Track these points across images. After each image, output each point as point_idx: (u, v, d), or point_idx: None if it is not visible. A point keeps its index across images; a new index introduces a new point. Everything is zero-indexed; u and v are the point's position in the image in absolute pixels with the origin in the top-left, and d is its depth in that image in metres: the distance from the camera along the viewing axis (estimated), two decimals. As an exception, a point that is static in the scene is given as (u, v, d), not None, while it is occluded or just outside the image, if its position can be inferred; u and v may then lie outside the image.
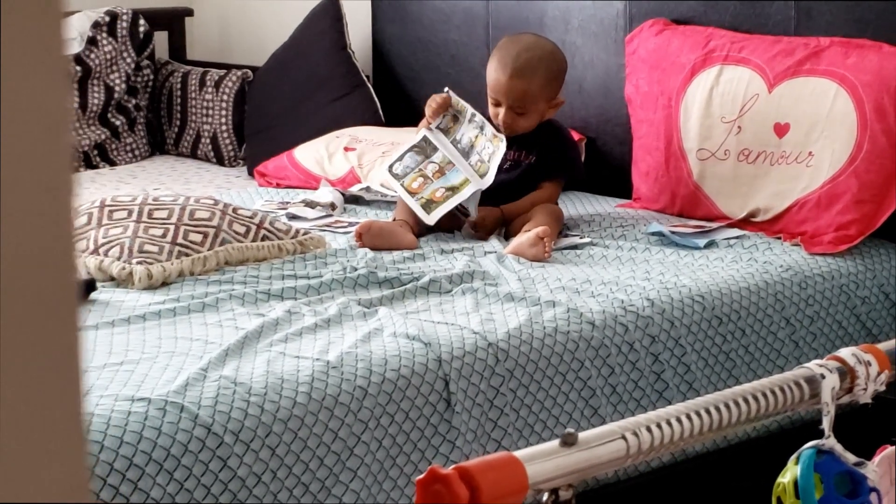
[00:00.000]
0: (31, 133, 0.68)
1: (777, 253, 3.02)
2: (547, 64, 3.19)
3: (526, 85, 3.16)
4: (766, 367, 2.82)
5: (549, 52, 3.23)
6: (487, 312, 2.57)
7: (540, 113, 3.21)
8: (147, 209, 2.90)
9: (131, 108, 4.48)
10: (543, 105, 3.21)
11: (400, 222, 3.10)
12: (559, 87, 3.23)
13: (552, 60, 3.21)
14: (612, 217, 3.34)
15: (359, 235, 3.02)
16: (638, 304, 2.67)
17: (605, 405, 2.56)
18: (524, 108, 3.18)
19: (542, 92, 3.18)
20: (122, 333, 2.42)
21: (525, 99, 3.17)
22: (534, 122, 3.22)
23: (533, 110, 3.19)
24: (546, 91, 3.19)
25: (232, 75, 4.41)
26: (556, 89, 3.22)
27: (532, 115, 3.20)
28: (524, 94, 3.16)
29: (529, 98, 3.17)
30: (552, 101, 3.22)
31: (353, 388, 2.24)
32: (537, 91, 3.18)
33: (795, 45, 3.19)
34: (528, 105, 3.18)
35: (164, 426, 2.05)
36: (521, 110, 3.18)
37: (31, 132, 0.68)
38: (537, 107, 3.19)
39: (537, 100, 3.18)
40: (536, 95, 3.18)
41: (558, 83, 3.23)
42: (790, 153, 3.14)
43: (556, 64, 3.21)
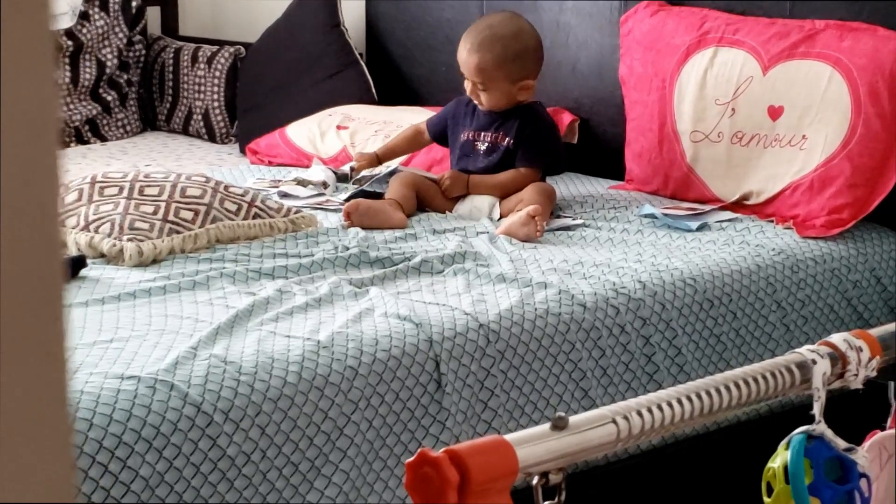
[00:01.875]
0: (18, 109, 0.68)
1: (769, 236, 3.01)
2: (507, 42, 3.16)
3: (481, 60, 3.14)
4: (756, 351, 2.82)
5: (515, 30, 3.19)
6: (479, 293, 2.57)
7: (504, 92, 3.17)
8: (138, 186, 2.89)
9: (123, 83, 4.46)
10: (505, 84, 3.16)
11: (389, 201, 3.10)
12: (525, 67, 3.17)
13: (514, 39, 3.17)
14: (604, 198, 3.33)
15: (347, 215, 3.02)
16: (629, 287, 2.67)
17: (596, 387, 2.56)
18: (484, 84, 3.16)
19: (499, 69, 3.14)
20: (112, 311, 2.41)
21: (483, 75, 3.15)
22: (499, 100, 3.18)
23: (494, 87, 3.16)
24: (506, 69, 3.15)
25: (224, 52, 4.39)
26: (520, 69, 3.16)
27: (494, 92, 3.17)
28: (481, 70, 3.15)
29: (487, 74, 3.15)
30: (518, 81, 3.17)
31: (343, 368, 2.24)
32: (493, 67, 3.14)
33: (790, 27, 3.19)
34: (487, 81, 3.16)
35: (153, 404, 2.04)
36: (482, 86, 3.17)
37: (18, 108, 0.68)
38: (498, 84, 3.16)
39: (495, 77, 3.15)
40: (493, 72, 3.14)
41: (522, 64, 3.16)
42: (784, 136, 3.13)
43: (518, 43, 3.17)
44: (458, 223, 3.10)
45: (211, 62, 4.39)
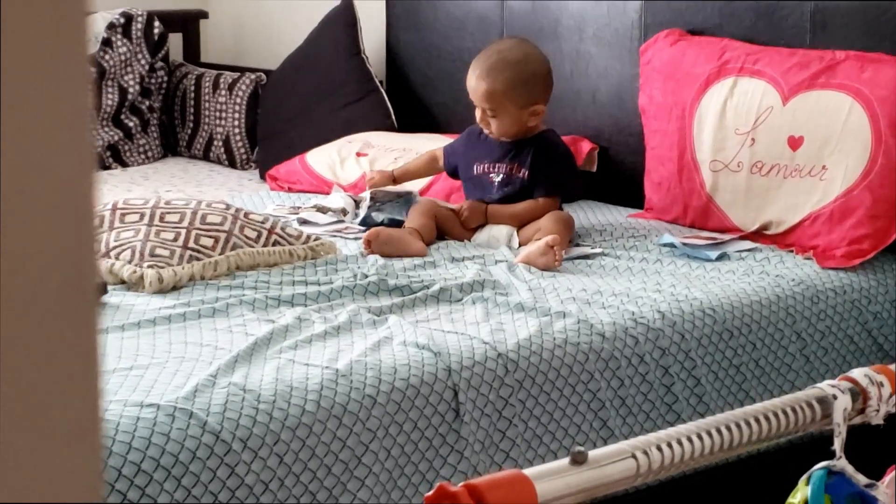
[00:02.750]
0: (53, 133, 0.68)
1: (789, 266, 3.01)
2: (516, 67, 3.15)
3: (490, 86, 3.14)
4: (776, 382, 2.81)
5: (523, 56, 3.19)
6: (497, 322, 2.56)
7: (514, 118, 3.17)
8: (159, 213, 2.90)
9: (145, 109, 4.49)
10: (515, 110, 3.16)
11: (409, 230, 3.10)
12: (534, 92, 3.16)
13: (523, 64, 3.16)
14: (623, 227, 3.33)
15: (367, 243, 3.02)
16: (649, 317, 2.66)
17: (615, 417, 2.55)
18: (493, 110, 3.16)
19: (508, 95, 3.14)
20: (132, 338, 2.41)
21: (491, 100, 3.15)
22: (509, 126, 3.18)
23: (504, 113, 3.16)
24: (514, 95, 3.14)
25: (245, 78, 4.41)
26: (529, 95, 3.15)
27: (504, 118, 3.16)
28: (489, 96, 3.15)
29: (495, 100, 3.15)
30: (528, 106, 3.17)
31: (361, 396, 2.24)
32: (502, 93, 3.14)
33: (810, 58, 3.19)
34: (497, 108, 3.15)
35: (172, 432, 2.05)
36: (491, 113, 3.17)
37: (54, 132, 0.68)
38: (507, 110, 3.15)
39: (504, 103, 3.15)
40: (502, 98, 3.14)
41: (531, 89, 3.15)
42: (804, 166, 3.13)
43: (526, 68, 3.16)
44: (477, 251, 3.10)
45: (232, 89, 4.41)
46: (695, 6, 3.46)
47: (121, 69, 4.42)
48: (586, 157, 3.62)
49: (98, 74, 4.37)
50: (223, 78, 4.45)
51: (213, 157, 4.45)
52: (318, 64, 4.19)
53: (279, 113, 4.23)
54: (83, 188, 0.70)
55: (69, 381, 0.70)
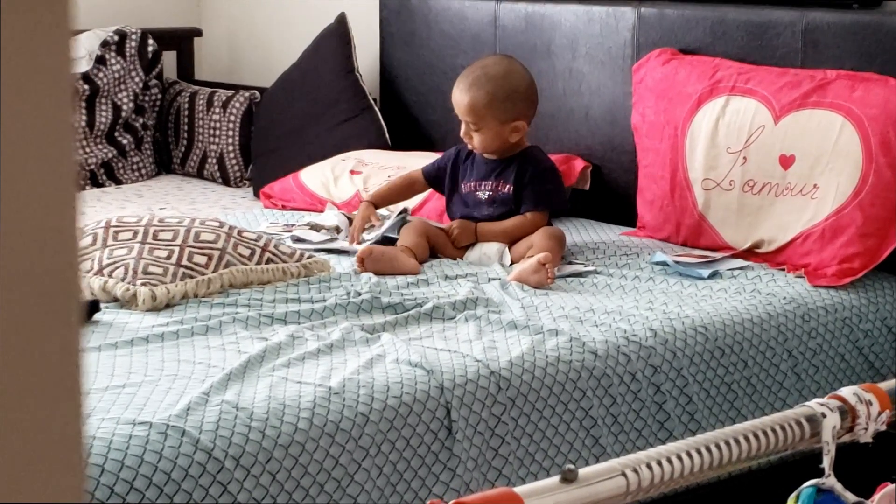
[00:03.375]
0: (36, 151, 0.69)
1: (780, 285, 3.02)
2: (497, 82, 3.17)
3: (472, 100, 3.16)
4: (768, 399, 2.82)
5: (505, 71, 3.20)
6: (490, 340, 2.57)
7: (495, 132, 3.17)
8: (152, 230, 2.91)
9: (138, 127, 4.50)
10: (496, 124, 3.16)
11: (402, 248, 3.11)
12: (515, 108, 3.17)
13: (504, 79, 3.17)
14: (616, 245, 3.34)
15: (360, 261, 3.03)
16: (641, 334, 2.67)
17: (607, 435, 2.56)
18: (476, 124, 3.17)
19: (489, 109, 3.15)
20: (124, 356, 2.42)
21: (473, 114, 3.16)
22: (491, 141, 3.19)
23: (485, 127, 3.17)
24: (495, 109, 3.15)
25: (239, 96, 4.42)
26: (510, 110, 3.16)
27: (486, 132, 3.17)
28: (471, 109, 3.16)
29: (477, 114, 3.16)
30: (508, 122, 3.17)
31: (354, 414, 2.25)
32: (483, 107, 3.15)
33: (802, 77, 3.20)
34: (478, 121, 3.16)
35: (165, 450, 2.05)
36: (474, 127, 3.18)
37: (37, 150, 0.69)
38: (489, 124, 3.16)
39: (486, 117, 3.16)
40: (483, 112, 3.15)
41: (512, 104, 3.16)
42: (795, 185, 3.15)
43: (507, 83, 3.17)
44: (470, 269, 3.11)
45: (226, 106, 4.42)
46: (687, 25, 3.48)
47: (115, 87, 4.43)
48: (579, 175, 3.63)
49: (92, 92, 4.38)
50: (217, 96, 4.46)
51: (206, 175, 4.46)
52: (312, 82, 4.20)
53: (273, 131, 4.24)
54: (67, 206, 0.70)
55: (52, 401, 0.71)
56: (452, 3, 4.00)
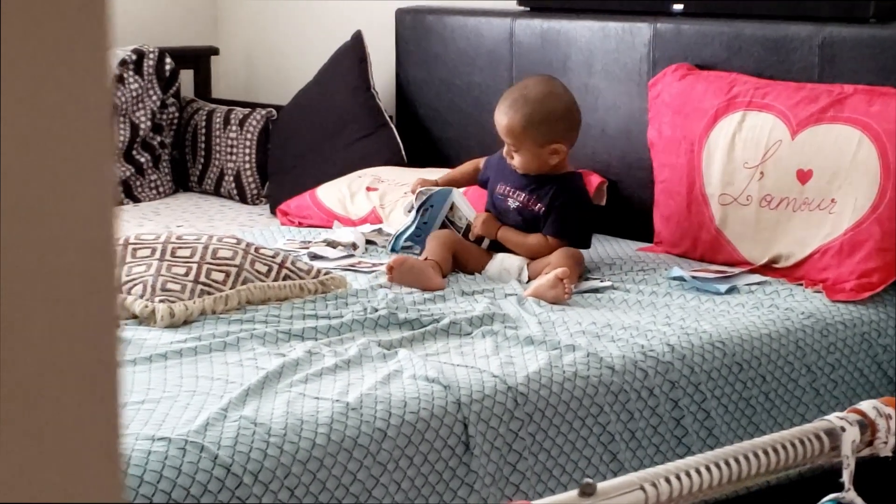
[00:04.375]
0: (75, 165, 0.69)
1: (799, 300, 3.01)
2: (535, 105, 3.16)
3: (509, 122, 3.17)
4: (786, 415, 2.81)
5: (544, 93, 3.20)
6: (507, 356, 2.57)
7: (534, 154, 3.17)
8: (170, 247, 2.92)
9: (156, 145, 4.51)
10: (534, 147, 3.16)
11: (431, 262, 3.11)
12: (553, 130, 3.16)
13: (540, 103, 3.17)
14: (633, 260, 3.34)
15: (390, 269, 3.03)
16: (658, 350, 2.67)
17: (624, 451, 2.56)
18: (515, 145, 3.18)
19: (526, 131, 3.15)
20: (143, 372, 2.43)
21: (512, 136, 3.17)
22: (529, 162, 3.19)
23: (524, 149, 3.17)
24: (532, 132, 3.15)
25: (256, 114, 4.44)
26: (547, 132, 3.16)
27: (524, 154, 3.18)
28: (508, 131, 3.17)
29: (515, 135, 3.16)
30: (546, 145, 3.16)
31: (372, 430, 2.25)
32: (520, 130, 3.15)
33: (819, 91, 3.20)
34: (516, 143, 3.17)
35: (183, 466, 2.05)
36: (513, 148, 3.19)
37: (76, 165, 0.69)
38: (527, 146, 3.17)
39: (523, 139, 3.16)
40: (520, 134, 3.16)
41: (549, 127, 3.15)
42: (813, 200, 3.14)
43: (544, 107, 3.16)
44: (487, 285, 3.11)
45: (243, 124, 4.43)
46: (703, 41, 3.48)
47: (132, 105, 4.45)
48: (595, 190, 3.63)
49: (110, 110, 4.40)
50: (234, 114, 4.48)
51: (224, 193, 4.47)
52: (329, 99, 4.22)
53: (290, 148, 4.25)
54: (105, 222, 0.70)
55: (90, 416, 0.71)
56: (468, 19, 4.01)
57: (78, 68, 0.69)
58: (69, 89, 0.69)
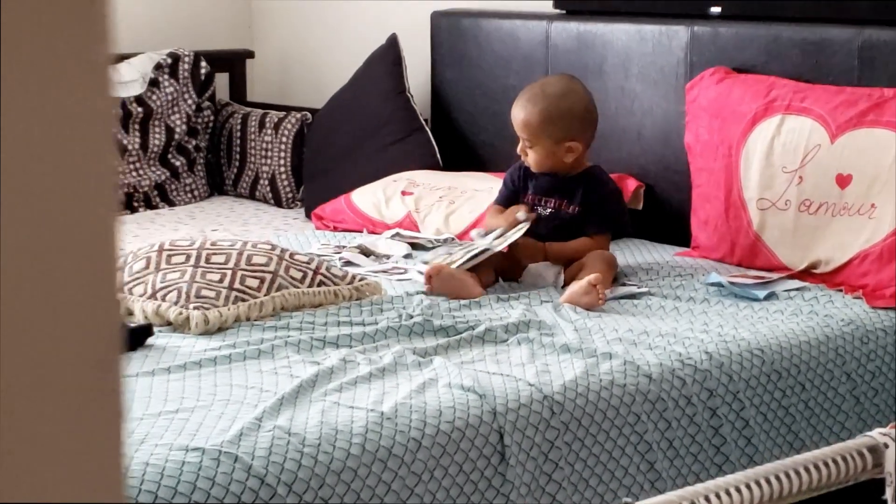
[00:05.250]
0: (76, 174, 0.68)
1: (838, 306, 2.97)
2: (552, 101, 3.15)
3: (526, 116, 3.16)
4: (826, 423, 2.78)
5: (563, 90, 3.19)
6: (543, 364, 2.55)
7: (549, 151, 3.15)
8: (204, 254, 2.91)
9: (191, 148, 4.52)
10: (549, 143, 3.15)
11: (471, 273, 3.08)
12: (570, 127, 3.14)
13: (559, 98, 3.16)
14: (670, 266, 3.31)
15: (429, 277, 3.02)
16: (696, 358, 2.64)
17: (662, 460, 2.53)
18: (530, 140, 3.16)
19: (542, 127, 3.14)
20: (177, 380, 2.42)
21: (528, 130, 3.16)
22: (544, 159, 3.17)
23: (539, 145, 3.15)
24: (548, 127, 3.14)
25: (291, 117, 4.43)
26: (563, 129, 3.14)
27: (539, 150, 3.16)
28: (524, 126, 3.16)
29: (531, 130, 3.15)
30: (562, 142, 3.15)
31: (406, 439, 2.23)
32: (536, 125, 3.14)
33: (858, 95, 3.16)
34: (532, 138, 3.16)
35: (217, 477, 2.05)
36: (528, 143, 3.17)
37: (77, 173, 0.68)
38: (542, 142, 3.15)
39: (539, 134, 3.14)
40: (536, 129, 3.14)
41: (565, 124, 3.14)
42: (852, 205, 3.10)
43: (562, 103, 3.15)
44: (523, 291, 3.09)
45: (278, 128, 4.43)
46: (741, 44, 3.45)
47: (168, 109, 4.45)
48: (632, 195, 3.61)
49: (145, 115, 4.41)
50: (269, 117, 4.47)
51: (258, 196, 4.47)
52: (364, 103, 4.21)
53: (325, 152, 4.24)
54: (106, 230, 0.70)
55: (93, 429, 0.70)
56: (504, 22, 3.99)
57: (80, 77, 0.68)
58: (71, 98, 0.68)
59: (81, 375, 0.69)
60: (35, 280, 0.67)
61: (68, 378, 0.69)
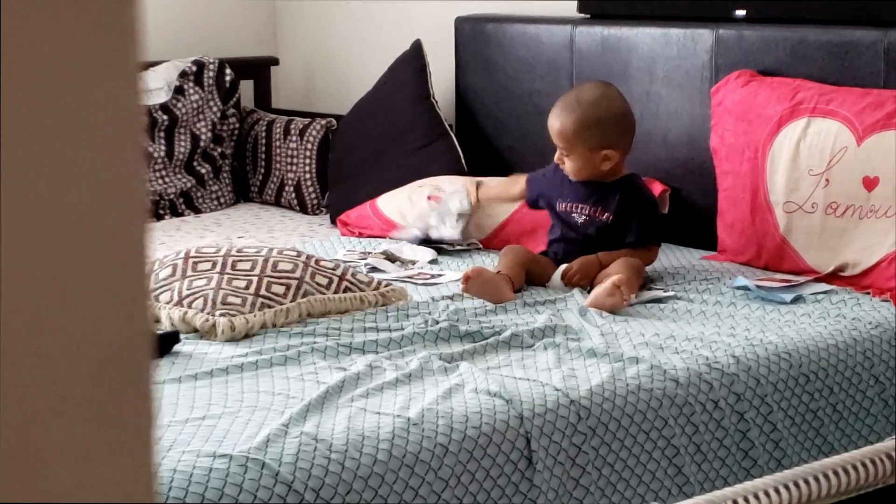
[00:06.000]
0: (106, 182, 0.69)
1: (866, 309, 2.96)
2: (587, 109, 3.16)
3: (561, 125, 3.17)
4: (854, 427, 2.76)
5: (598, 97, 3.19)
6: (569, 368, 2.55)
7: (585, 159, 3.16)
8: (230, 261, 2.92)
9: (217, 156, 4.53)
10: (585, 151, 3.15)
11: (504, 276, 3.08)
12: (605, 135, 3.15)
13: (593, 107, 3.16)
14: (696, 270, 3.30)
15: (466, 278, 3.01)
16: (723, 361, 2.63)
17: (689, 464, 2.52)
18: (567, 149, 3.17)
19: (577, 135, 3.14)
20: (204, 387, 2.42)
21: (563, 139, 3.17)
22: (581, 167, 3.17)
23: (575, 153, 3.16)
24: (583, 135, 3.14)
25: (316, 124, 4.44)
26: (599, 137, 3.14)
27: (576, 158, 3.16)
28: (560, 135, 3.17)
29: (566, 139, 3.16)
30: (598, 150, 3.15)
31: (433, 445, 2.23)
32: (572, 133, 3.14)
33: (885, 97, 3.15)
34: (568, 147, 3.16)
35: (245, 483, 2.05)
36: (565, 152, 3.18)
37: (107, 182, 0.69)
38: (578, 150, 3.15)
39: (574, 143, 3.15)
40: (572, 137, 3.14)
41: (601, 131, 3.14)
42: (879, 207, 3.09)
43: (596, 111, 3.16)
44: (549, 295, 3.09)
45: (303, 134, 4.44)
46: (766, 47, 3.44)
47: (193, 117, 4.47)
48: (658, 198, 3.59)
49: (171, 122, 4.42)
50: (294, 124, 4.48)
51: (284, 203, 4.48)
52: (388, 109, 4.21)
53: (350, 158, 4.25)
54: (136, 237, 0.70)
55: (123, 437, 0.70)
56: (528, 27, 3.99)
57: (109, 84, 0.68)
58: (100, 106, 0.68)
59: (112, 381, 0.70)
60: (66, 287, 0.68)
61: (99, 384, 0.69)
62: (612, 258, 3.15)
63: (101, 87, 0.68)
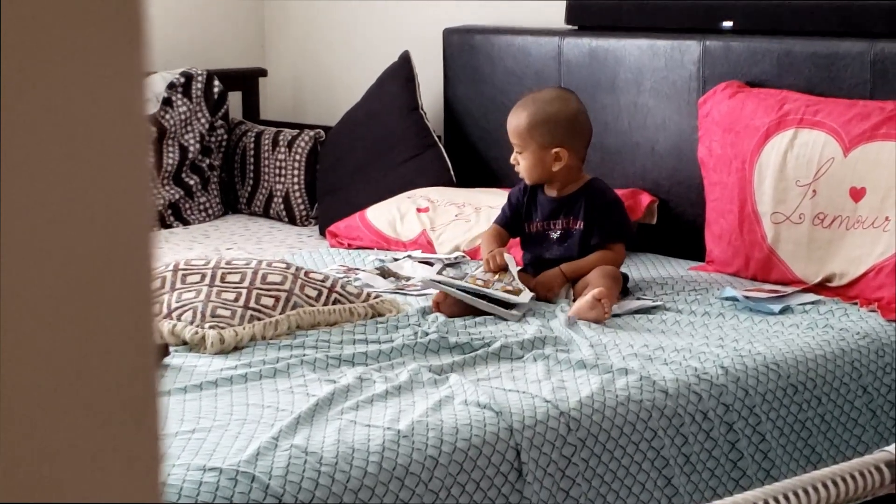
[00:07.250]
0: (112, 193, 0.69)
1: (853, 319, 2.97)
2: (539, 106, 3.19)
3: (516, 121, 3.21)
4: (843, 437, 2.77)
5: (551, 97, 3.23)
6: (559, 380, 2.55)
7: (537, 157, 3.17)
8: (220, 273, 2.92)
9: (205, 167, 4.53)
10: (537, 149, 3.17)
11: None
12: (556, 133, 3.16)
13: (547, 104, 3.20)
14: (684, 280, 3.31)
15: (436, 305, 3.02)
16: (712, 372, 2.64)
17: (679, 475, 2.53)
18: (520, 147, 3.20)
19: (529, 131, 3.16)
20: (193, 400, 2.42)
21: (517, 136, 3.20)
22: (533, 166, 3.18)
23: (527, 151, 3.18)
24: (534, 132, 3.16)
25: (304, 135, 4.44)
26: (550, 135, 3.16)
27: (528, 156, 3.18)
28: (514, 131, 3.21)
29: (520, 135, 3.19)
30: (548, 148, 3.16)
31: (423, 457, 2.23)
32: (524, 129, 3.17)
33: (871, 108, 3.16)
34: (521, 144, 3.19)
35: (235, 496, 2.05)
36: (518, 150, 3.21)
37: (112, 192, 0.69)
38: (530, 147, 3.17)
39: (527, 139, 3.17)
40: (525, 134, 3.17)
41: (552, 129, 3.16)
42: (866, 218, 3.10)
43: (549, 108, 3.19)
44: (537, 307, 3.09)
45: (291, 146, 4.44)
46: (753, 58, 3.45)
47: (181, 128, 4.47)
48: (646, 209, 3.61)
49: (159, 134, 4.42)
50: (282, 135, 4.48)
51: (273, 214, 4.48)
52: (377, 120, 4.22)
53: (338, 169, 4.25)
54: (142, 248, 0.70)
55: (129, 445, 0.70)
56: (516, 38, 4.00)
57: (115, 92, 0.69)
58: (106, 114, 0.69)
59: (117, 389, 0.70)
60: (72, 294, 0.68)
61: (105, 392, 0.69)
62: (574, 268, 3.15)
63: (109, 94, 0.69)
